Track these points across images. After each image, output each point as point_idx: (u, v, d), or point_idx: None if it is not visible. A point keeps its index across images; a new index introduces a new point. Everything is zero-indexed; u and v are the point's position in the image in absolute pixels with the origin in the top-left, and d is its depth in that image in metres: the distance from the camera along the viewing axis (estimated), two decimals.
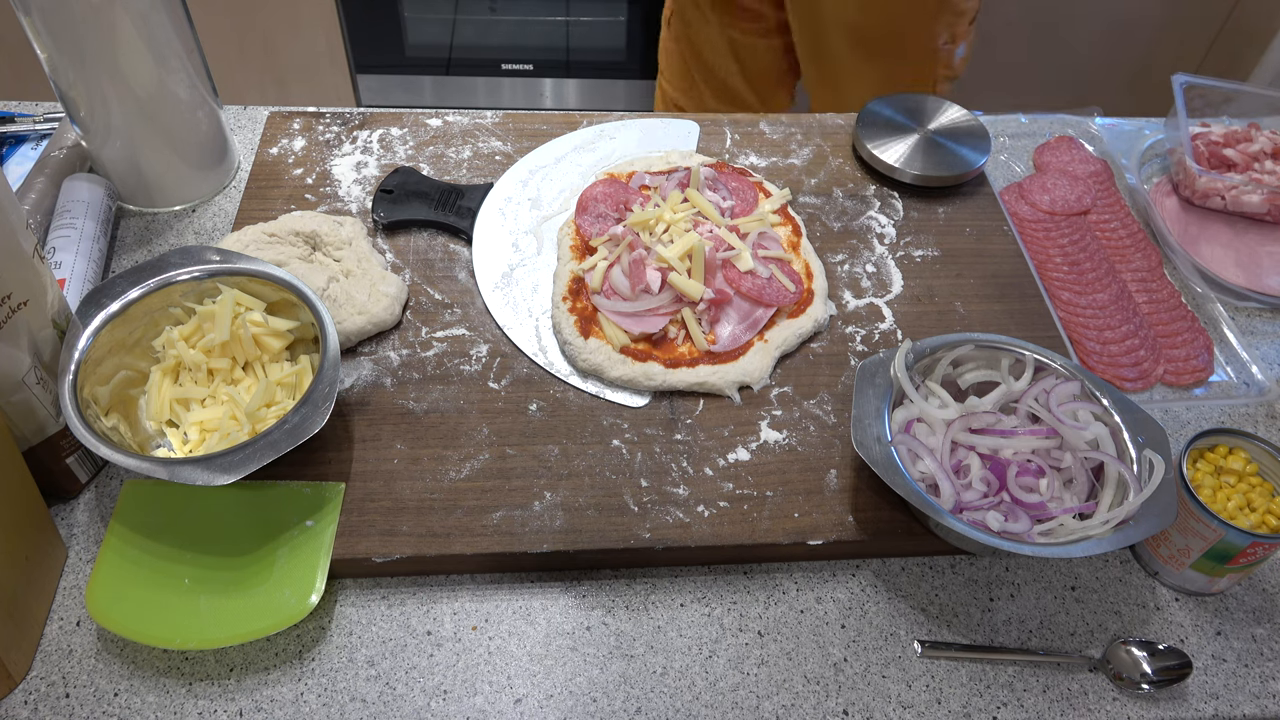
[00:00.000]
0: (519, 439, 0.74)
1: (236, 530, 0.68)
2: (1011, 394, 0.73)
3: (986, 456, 0.70)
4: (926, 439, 0.70)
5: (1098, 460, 0.69)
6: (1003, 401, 0.73)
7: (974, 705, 0.65)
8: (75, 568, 0.69)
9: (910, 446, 0.68)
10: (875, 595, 0.71)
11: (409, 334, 0.81)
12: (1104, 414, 0.71)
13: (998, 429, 0.70)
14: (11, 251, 0.64)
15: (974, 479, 0.68)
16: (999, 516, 0.66)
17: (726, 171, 0.94)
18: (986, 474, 0.69)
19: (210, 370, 0.74)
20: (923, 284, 0.89)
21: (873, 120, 1.01)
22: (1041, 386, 0.72)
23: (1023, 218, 0.99)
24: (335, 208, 0.91)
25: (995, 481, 0.68)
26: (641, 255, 0.82)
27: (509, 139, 1.00)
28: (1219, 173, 1.02)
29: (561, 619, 0.68)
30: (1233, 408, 0.85)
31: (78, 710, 0.62)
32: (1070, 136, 1.09)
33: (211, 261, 0.74)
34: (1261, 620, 0.71)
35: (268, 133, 0.98)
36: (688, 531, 0.69)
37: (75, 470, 0.71)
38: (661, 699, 0.65)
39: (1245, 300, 0.94)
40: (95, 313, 0.70)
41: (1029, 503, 0.67)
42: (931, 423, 0.71)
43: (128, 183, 0.92)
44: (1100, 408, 0.71)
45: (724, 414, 0.77)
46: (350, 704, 0.63)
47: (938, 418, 0.70)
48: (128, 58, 0.82)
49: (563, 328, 0.80)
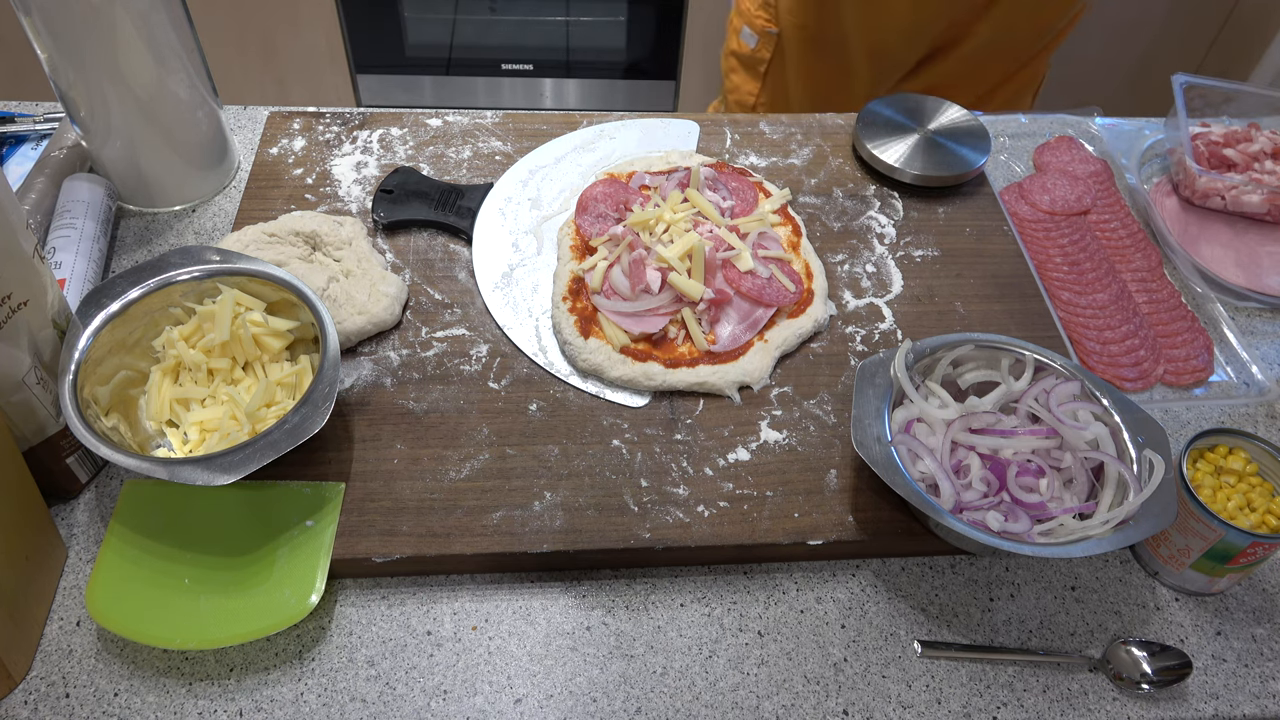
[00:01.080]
0: (519, 439, 0.74)
1: (236, 530, 0.68)
2: (1011, 394, 0.73)
3: (986, 456, 0.70)
4: (926, 439, 0.70)
5: (1098, 460, 0.69)
6: (1003, 401, 0.73)
7: (974, 705, 0.65)
8: (75, 568, 0.69)
9: (910, 446, 0.68)
10: (875, 595, 0.71)
11: (409, 334, 0.81)
12: (1104, 414, 0.71)
13: (998, 429, 0.70)
14: (11, 251, 0.64)
15: (974, 479, 0.68)
16: (999, 516, 0.66)
17: (726, 171, 0.94)
18: (986, 474, 0.68)
19: (210, 370, 0.74)
20: (923, 284, 0.89)
21: (873, 120, 1.01)
22: (1041, 386, 0.72)
23: (1023, 218, 0.99)
24: (335, 208, 0.91)
25: (995, 481, 0.68)
26: (641, 255, 0.82)
27: (509, 139, 1.00)
28: (1219, 173, 1.02)
29: (561, 619, 0.68)
30: (1233, 408, 0.85)
31: (78, 710, 0.62)
32: (1070, 136, 1.09)
33: (211, 261, 0.74)
34: (1261, 620, 0.71)
35: (268, 133, 0.98)
36: (688, 531, 0.69)
37: (75, 470, 0.71)
38: (661, 699, 0.65)
39: (1245, 300, 0.94)
40: (95, 313, 0.70)
41: (1029, 503, 0.67)
42: (931, 423, 0.71)
43: (128, 183, 0.92)
44: (1100, 408, 0.71)
45: (724, 414, 0.77)
46: (350, 704, 0.63)
47: (938, 418, 0.70)
48: (128, 58, 0.82)
49: (563, 328, 0.80)
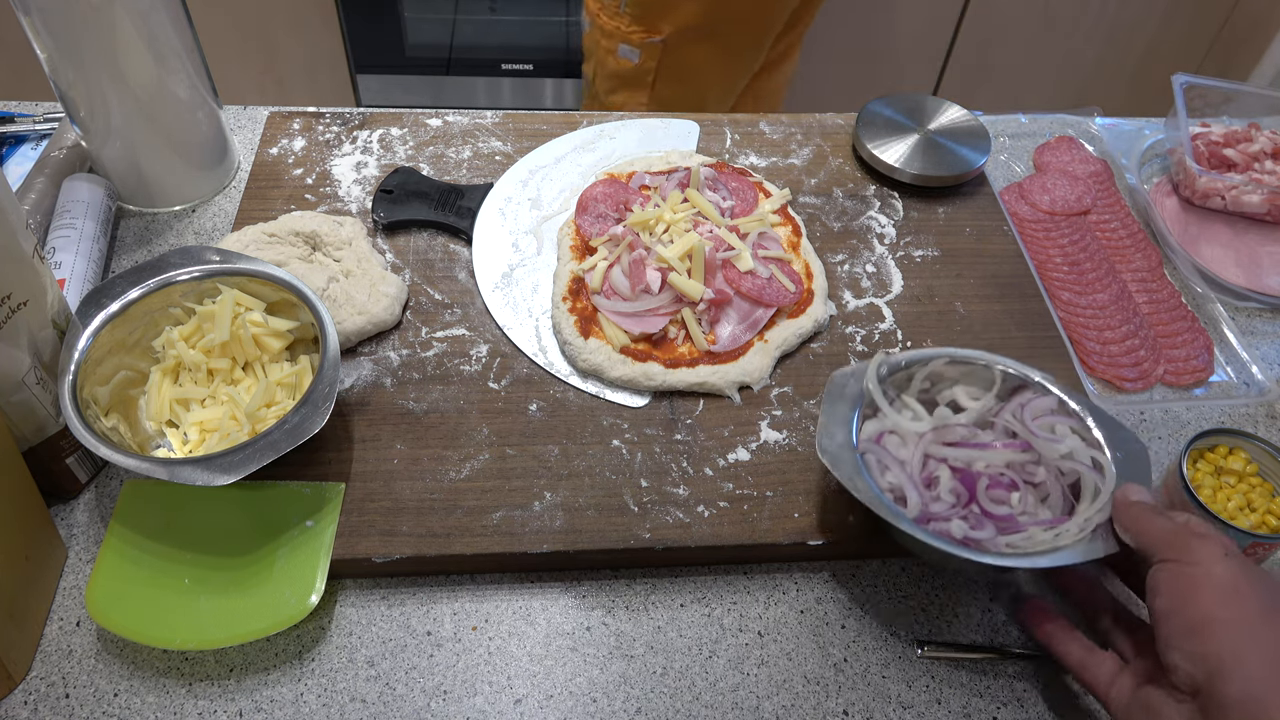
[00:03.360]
0: (519, 439, 0.74)
1: (236, 530, 0.68)
2: (988, 409, 0.71)
3: (957, 469, 0.67)
4: (897, 451, 0.68)
5: (1074, 477, 0.66)
6: (979, 417, 0.70)
7: (974, 705, 0.65)
8: (75, 568, 0.69)
9: (879, 456, 0.67)
10: (875, 595, 0.71)
11: (409, 334, 0.81)
12: (1082, 429, 0.69)
13: (971, 442, 0.68)
14: (11, 251, 0.64)
15: (943, 490, 0.66)
16: (963, 525, 0.64)
17: (726, 171, 0.94)
18: (956, 485, 0.66)
19: (210, 370, 0.74)
20: (923, 284, 0.89)
21: (873, 120, 1.01)
22: (1018, 401, 0.70)
23: (1023, 218, 0.99)
24: (335, 208, 0.91)
25: (965, 493, 0.66)
26: (641, 255, 0.82)
27: (509, 139, 1.00)
28: (1219, 173, 1.02)
29: (561, 619, 0.68)
30: (1233, 408, 0.85)
31: (78, 710, 0.62)
32: (1070, 136, 1.09)
33: (211, 261, 0.74)
34: None
35: (268, 133, 0.98)
36: (688, 531, 0.69)
37: (75, 470, 0.71)
38: (661, 699, 0.65)
39: (1245, 300, 0.94)
40: (95, 313, 0.70)
41: (998, 514, 0.65)
42: (904, 435, 0.68)
43: (128, 183, 0.92)
44: (1079, 423, 0.69)
45: (724, 414, 0.77)
46: (350, 704, 0.63)
47: (910, 430, 0.68)
48: (128, 58, 0.82)
49: (563, 328, 0.80)
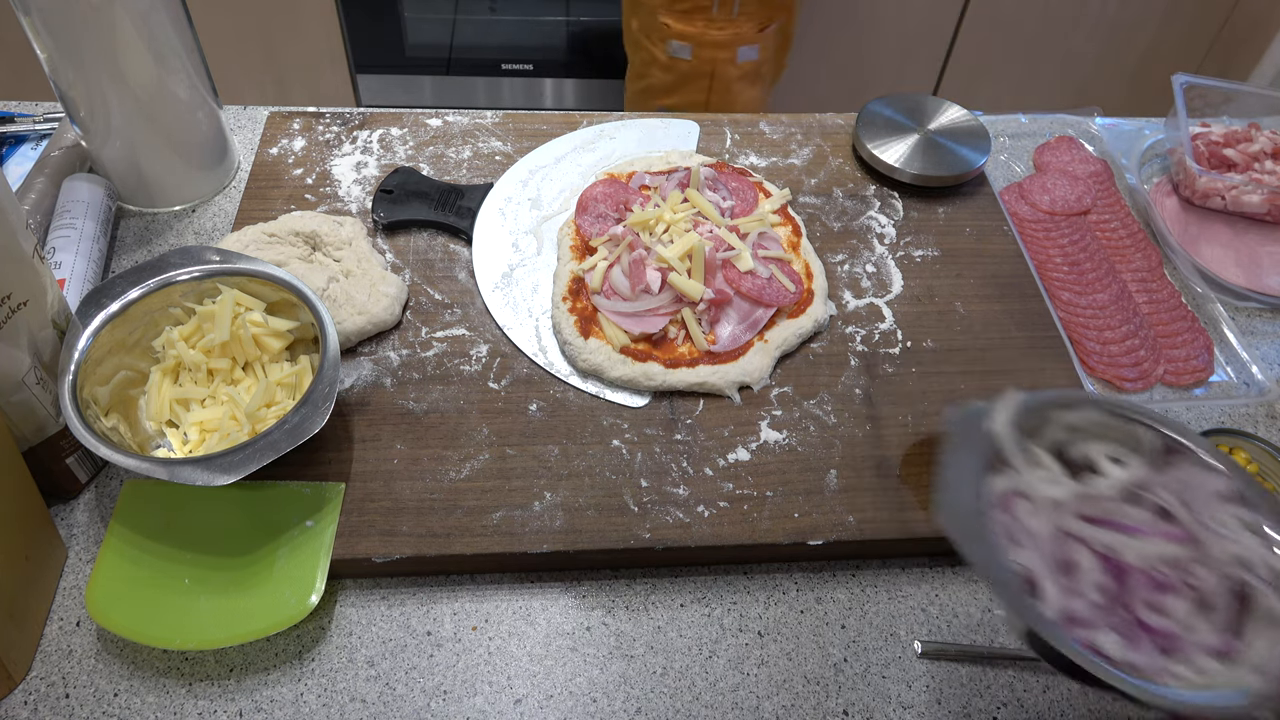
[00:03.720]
0: (519, 439, 0.74)
1: (236, 530, 0.68)
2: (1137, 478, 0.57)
3: (1100, 555, 0.53)
4: (1028, 519, 0.54)
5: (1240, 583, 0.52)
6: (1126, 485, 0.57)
7: (974, 705, 0.65)
8: (75, 568, 0.69)
9: (1010, 529, 0.53)
10: (875, 595, 0.71)
11: (409, 334, 0.81)
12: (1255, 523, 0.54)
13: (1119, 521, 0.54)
14: (11, 251, 0.64)
15: (1085, 584, 0.52)
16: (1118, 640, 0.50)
17: (726, 171, 0.94)
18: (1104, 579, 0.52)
19: (210, 370, 0.74)
20: (923, 284, 0.89)
21: (873, 120, 1.01)
22: (1178, 475, 0.56)
23: (1023, 218, 0.99)
24: (335, 208, 0.91)
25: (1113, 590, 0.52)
26: (641, 255, 0.82)
27: (509, 139, 1.00)
28: (1219, 173, 1.02)
29: (561, 619, 0.68)
30: (1233, 408, 0.85)
31: (78, 710, 0.62)
32: (1070, 136, 1.09)
33: (211, 261, 0.74)
34: None
35: (268, 133, 0.98)
36: (688, 532, 0.69)
37: (75, 470, 0.71)
38: (661, 699, 0.65)
39: (1245, 300, 0.94)
40: (95, 313, 0.70)
41: (1156, 627, 0.50)
42: (1035, 500, 0.55)
43: (128, 183, 0.92)
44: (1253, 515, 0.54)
45: (724, 414, 0.77)
46: (350, 704, 0.63)
47: (1044, 496, 0.55)
48: (128, 58, 0.82)
49: (563, 328, 0.80)
